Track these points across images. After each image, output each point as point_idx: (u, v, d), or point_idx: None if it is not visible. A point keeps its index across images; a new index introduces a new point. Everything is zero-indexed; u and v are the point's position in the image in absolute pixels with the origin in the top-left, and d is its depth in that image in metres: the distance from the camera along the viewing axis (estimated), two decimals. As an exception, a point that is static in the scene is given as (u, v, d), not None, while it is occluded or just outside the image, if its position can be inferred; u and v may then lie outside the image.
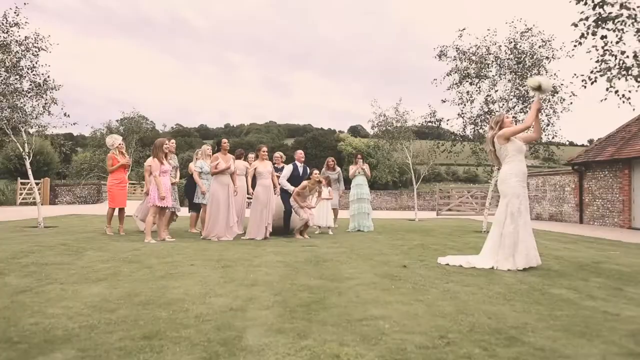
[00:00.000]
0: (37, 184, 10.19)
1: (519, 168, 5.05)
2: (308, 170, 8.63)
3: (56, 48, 9.48)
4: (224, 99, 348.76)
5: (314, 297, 3.42)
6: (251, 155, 9.30)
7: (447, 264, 5.18)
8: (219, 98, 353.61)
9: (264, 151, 8.07)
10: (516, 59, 9.46)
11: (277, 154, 9.48)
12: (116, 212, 8.33)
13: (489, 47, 9.87)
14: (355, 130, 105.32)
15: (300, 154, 8.92)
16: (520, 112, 9.69)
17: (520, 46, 9.49)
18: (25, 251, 5.46)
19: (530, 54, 9.41)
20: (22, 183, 22.29)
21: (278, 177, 8.40)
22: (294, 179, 8.40)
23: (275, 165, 9.15)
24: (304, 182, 8.18)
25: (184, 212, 10.89)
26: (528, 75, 9.52)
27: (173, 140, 8.51)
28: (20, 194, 22.09)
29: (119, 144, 8.43)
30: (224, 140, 7.84)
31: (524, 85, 9.61)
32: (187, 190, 8.93)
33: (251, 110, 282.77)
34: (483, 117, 10.03)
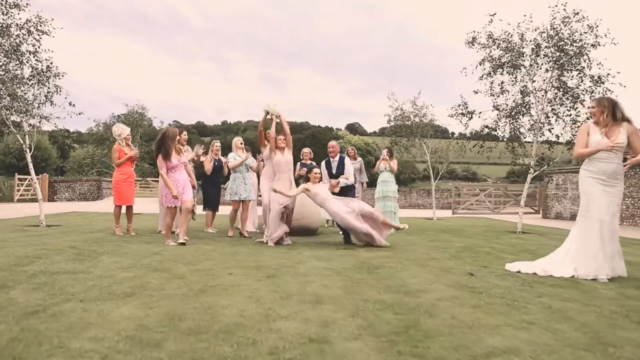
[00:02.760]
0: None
1: (594, 164, 4.52)
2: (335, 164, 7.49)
3: (51, 43, 8.77)
4: (221, 96, 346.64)
5: (402, 319, 2.73)
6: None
7: (519, 271, 4.55)
8: (216, 95, 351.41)
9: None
10: (556, 47, 8.74)
11: (306, 150, 8.84)
12: (123, 210, 7.55)
13: (523, 34, 9.16)
14: (353, 128, 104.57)
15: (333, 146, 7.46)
16: (561, 105, 9.00)
17: (561, 33, 8.76)
18: (31, 256, 4.71)
19: (571, 41, 8.69)
20: (19, 179, 21.48)
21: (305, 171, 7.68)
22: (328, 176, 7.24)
23: (303, 161, 8.50)
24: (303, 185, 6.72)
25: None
26: (566, 66, 8.81)
27: (185, 132, 7.86)
28: (18, 190, 21.26)
29: (127, 135, 7.68)
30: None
31: (564, 75, 8.93)
32: (205, 188, 8.17)
33: (248, 107, 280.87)
34: (518, 109, 9.32)
